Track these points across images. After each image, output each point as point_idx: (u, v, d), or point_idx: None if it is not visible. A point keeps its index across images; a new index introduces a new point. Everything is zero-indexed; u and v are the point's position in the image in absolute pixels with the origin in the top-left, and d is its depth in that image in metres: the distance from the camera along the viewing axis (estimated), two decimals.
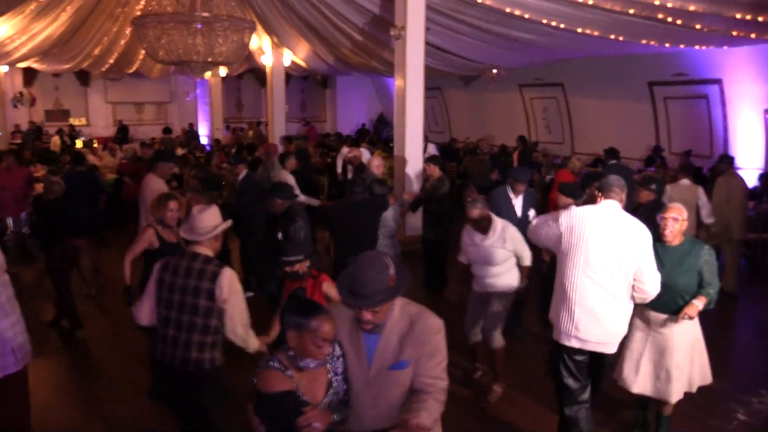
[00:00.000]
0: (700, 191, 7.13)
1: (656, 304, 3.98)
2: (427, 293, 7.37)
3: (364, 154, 10.78)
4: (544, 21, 9.02)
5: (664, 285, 3.89)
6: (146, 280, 4.81)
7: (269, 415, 2.47)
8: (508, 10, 8.79)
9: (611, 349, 3.96)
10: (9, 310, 3.53)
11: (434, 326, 2.58)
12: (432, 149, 11.21)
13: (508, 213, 5.88)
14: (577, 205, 5.01)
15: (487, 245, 4.90)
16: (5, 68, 17.25)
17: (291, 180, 7.76)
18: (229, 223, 3.75)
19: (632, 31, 8.92)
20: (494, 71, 14.25)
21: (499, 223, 4.93)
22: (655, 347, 4.10)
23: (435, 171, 7.56)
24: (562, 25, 9.08)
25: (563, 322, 3.94)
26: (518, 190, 6.23)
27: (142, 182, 6.78)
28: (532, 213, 6.33)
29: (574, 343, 3.92)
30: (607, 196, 3.93)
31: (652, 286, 3.80)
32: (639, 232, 3.81)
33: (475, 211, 4.82)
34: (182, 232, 3.68)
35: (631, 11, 7.80)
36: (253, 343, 3.61)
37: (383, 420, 2.56)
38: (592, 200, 4.51)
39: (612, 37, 9.31)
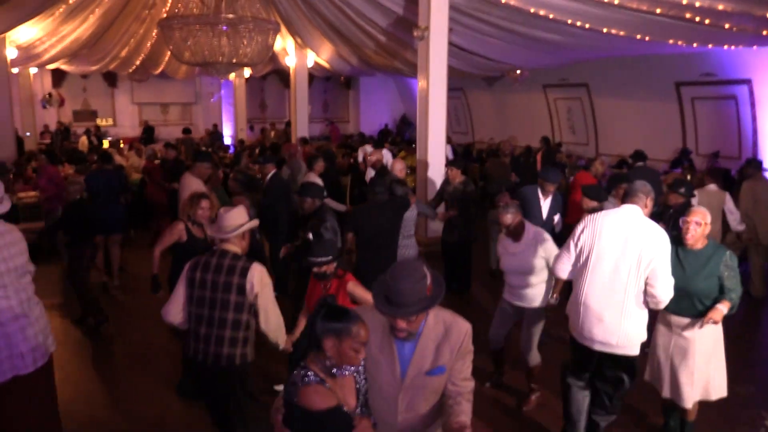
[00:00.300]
0: (727, 198, 7.01)
1: (675, 308, 3.98)
2: (446, 295, 7.33)
3: (386, 155, 10.79)
4: (569, 21, 8.94)
5: (683, 289, 3.89)
6: (173, 274, 4.96)
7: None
8: (532, 10, 8.73)
9: (620, 351, 3.94)
10: (20, 313, 3.53)
11: (467, 330, 2.63)
12: (448, 151, 11.18)
13: (533, 213, 5.85)
14: (602, 207, 4.98)
15: (519, 252, 4.78)
16: (35, 70, 17.57)
17: (319, 183, 7.80)
18: (254, 222, 3.83)
19: (659, 30, 8.80)
20: (518, 72, 14.16)
21: (531, 229, 4.81)
22: (677, 350, 4.08)
23: (456, 175, 7.53)
24: (587, 26, 9.00)
25: (572, 319, 4.11)
26: (548, 191, 6.17)
27: (180, 182, 6.93)
28: (557, 218, 6.27)
29: (579, 340, 4.08)
30: (630, 201, 3.97)
31: (663, 291, 3.77)
32: (656, 237, 3.79)
33: (507, 217, 4.72)
34: (210, 231, 3.81)
35: (658, 11, 7.69)
36: (282, 339, 3.71)
37: (415, 424, 2.60)
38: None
39: (638, 37, 9.19)
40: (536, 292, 4.81)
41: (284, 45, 15.08)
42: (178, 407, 5.01)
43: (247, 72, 17.83)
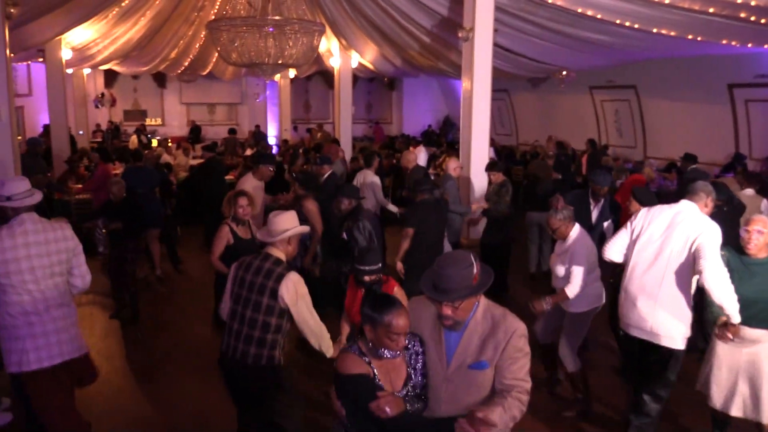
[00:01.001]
0: (764, 203, 6.78)
1: (748, 319, 3.83)
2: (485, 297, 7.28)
3: (421, 155, 10.76)
4: (618, 21, 8.77)
5: (756, 299, 3.80)
6: (220, 276, 5.06)
7: (347, 396, 2.62)
8: (579, 10, 8.59)
9: (657, 339, 3.99)
10: (31, 310, 3.56)
11: (517, 330, 2.60)
12: (490, 153, 11.08)
13: (581, 219, 5.68)
14: None
15: (562, 254, 4.77)
16: (88, 70, 18.12)
17: (377, 181, 7.83)
18: (304, 229, 3.84)
19: (711, 30, 8.56)
20: (564, 73, 13.96)
21: (579, 232, 4.74)
22: (750, 365, 3.89)
23: (498, 177, 7.49)
24: (636, 26, 8.81)
25: (621, 308, 4.22)
26: (598, 195, 6.06)
27: (238, 182, 7.02)
28: (606, 224, 6.12)
29: (623, 329, 4.21)
30: (690, 198, 4.06)
31: (711, 268, 3.70)
32: (707, 224, 3.87)
33: (554, 221, 4.70)
34: (259, 235, 3.84)
35: (711, 10, 7.49)
36: (328, 346, 3.71)
37: (458, 413, 2.58)
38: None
39: (690, 37, 8.95)
40: (577, 296, 4.72)
41: (329, 46, 15.19)
42: (216, 402, 5.07)
43: (292, 73, 18.01)
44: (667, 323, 3.93)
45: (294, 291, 3.53)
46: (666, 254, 3.93)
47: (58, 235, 3.71)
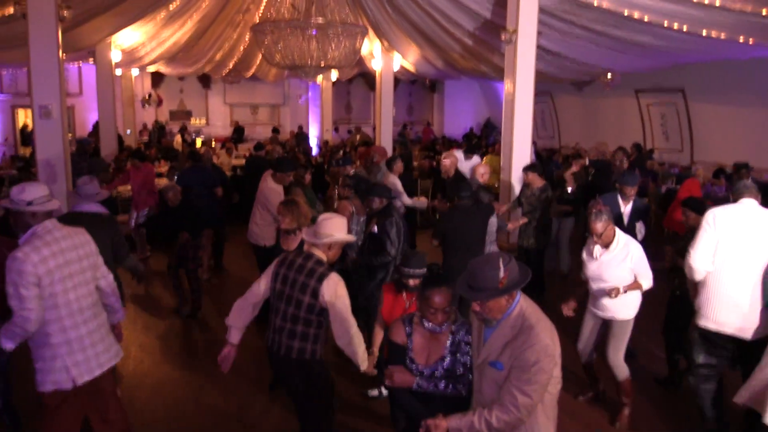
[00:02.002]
0: None
1: None
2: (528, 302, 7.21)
3: (464, 164, 10.66)
4: (665, 23, 8.58)
5: None
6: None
7: (387, 360, 3.21)
8: (626, 12, 8.44)
9: (757, 335, 4.10)
10: (67, 326, 3.39)
11: (536, 344, 2.60)
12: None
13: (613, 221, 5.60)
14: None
15: (607, 261, 4.62)
16: (136, 72, 18.56)
17: (398, 183, 7.83)
18: (348, 238, 3.85)
19: (764, 32, 8.31)
20: (609, 76, 13.72)
21: (622, 237, 4.65)
22: None
23: (536, 179, 7.39)
24: (684, 28, 8.60)
25: (704, 308, 4.28)
26: (627, 195, 5.99)
27: (262, 178, 7.12)
28: (639, 226, 6.00)
29: (710, 326, 4.25)
30: (745, 196, 4.21)
31: None
32: None
33: (599, 224, 4.56)
34: (305, 234, 3.85)
35: (765, 12, 7.27)
36: (363, 359, 3.67)
37: (482, 405, 2.78)
38: None
39: (741, 39, 8.71)
40: (620, 303, 4.64)
41: (371, 48, 15.25)
42: (256, 401, 5.15)
43: (334, 75, 18.13)
44: (759, 316, 4.10)
45: (334, 290, 3.55)
46: (752, 250, 4.08)
47: (82, 240, 3.57)
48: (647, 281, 4.61)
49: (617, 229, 4.67)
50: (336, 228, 3.71)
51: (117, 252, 4.85)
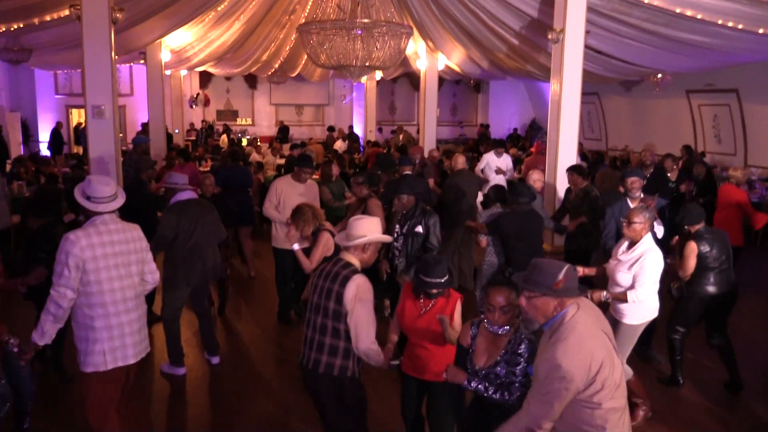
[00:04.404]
0: None
1: None
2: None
3: (491, 159, 10.56)
4: (720, 22, 8.32)
5: None
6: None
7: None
8: (678, 10, 8.22)
9: None
10: (110, 313, 3.58)
11: (550, 359, 2.60)
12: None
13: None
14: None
15: (624, 261, 4.58)
16: (185, 72, 18.96)
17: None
18: (384, 238, 3.68)
19: None
20: (659, 76, 13.39)
21: (646, 244, 4.52)
22: None
23: (578, 181, 7.24)
24: (740, 26, 8.33)
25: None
26: (631, 190, 6.04)
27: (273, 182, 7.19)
28: (656, 225, 5.81)
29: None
30: None
31: None
32: None
33: (638, 216, 4.52)
34: (337, 238, 3.74)
35: None
36: (376, 354, 3.43)
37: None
38: None
39: None
40: (624, 307, 4.58)
41: (416, 48, 15.23)
42: (276, 407, 5.09)
43: (378, 75, 18.17)
44: None
45: (354, 292, 3.35)
46: None
47: (135, 236, 3.77)
48: (637, 293, 4.43)
49: (649, 235, 4.56)
50: (369, 228, 3.52)
51: (218, 231, 5.70)
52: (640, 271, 4.45)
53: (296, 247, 4.91)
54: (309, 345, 3.54)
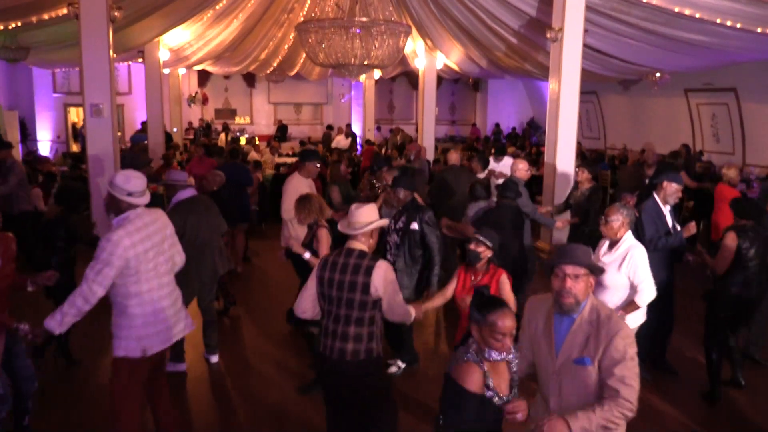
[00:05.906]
0: None
1: None
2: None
3: (492, 166, 10.52)
4: (718, 21, 8.32)
5: None
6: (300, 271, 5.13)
7: (460, 409, 2.57)
8: (677, 9, 8.21)
9: None
10: (146, 300, 3.65)
11: (620, 331, 2.63)
12: None
13: (661, 225, 5.35)
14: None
15: (607, 263, 4.29)
16: (183, 70, 18.94)
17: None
18: (384, 222, 3.80)
19: None
20: (657, 75, 13.40)
21: (629, 240, 4.33)
22: None
23: (586, 178, 7.20)
24: (738, 25, 8.33)
25: None
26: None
27: (285, 182, 7.12)
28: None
29: None
30: None
31: None
32: None
33: (617, 214, 4.31)
34: (340, 227, 3.77)
35: None
36: (410, 316, 3.80)
37: (565, 410, 2.62)
38: None
39: None
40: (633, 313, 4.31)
41: (414, 47, 15.23)
42: (295, 395, 5.16)
43: (377, 74, 18.18)
44: None
45: (383, 278, 3.49)
46: None
47: (165, 222, 3.91)
48: (645, 294, 4.23)
49: (629, 233, 4.37)
50: (371, 215, 3.67)
51: (221, 224, 5.81)
52: (635, 269, 4.21)
53: (307, 255, 4.95)
54: (332, 336, 3.58)
